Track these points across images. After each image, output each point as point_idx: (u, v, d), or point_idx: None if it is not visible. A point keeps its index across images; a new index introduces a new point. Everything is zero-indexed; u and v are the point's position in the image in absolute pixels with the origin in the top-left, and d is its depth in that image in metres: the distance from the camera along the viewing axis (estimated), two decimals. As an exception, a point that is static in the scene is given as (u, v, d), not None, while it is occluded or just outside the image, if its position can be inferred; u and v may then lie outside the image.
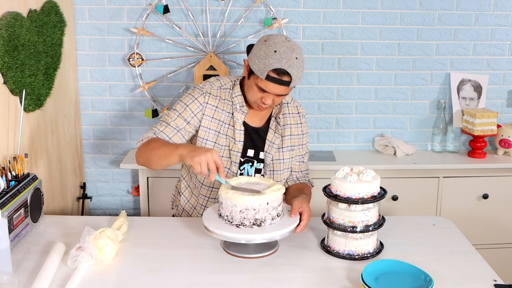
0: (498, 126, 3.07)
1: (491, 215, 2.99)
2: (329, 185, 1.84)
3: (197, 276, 1.68)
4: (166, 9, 2.93)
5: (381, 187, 1.84)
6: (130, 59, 3.01)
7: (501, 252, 3.02)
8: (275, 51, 1.91)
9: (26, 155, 2.10)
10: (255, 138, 2.12)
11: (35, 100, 2.36)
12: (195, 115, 2.05)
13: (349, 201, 1.77)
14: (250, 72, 1.99)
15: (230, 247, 1.84)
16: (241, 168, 2.11)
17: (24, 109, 2.25)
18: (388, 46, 3.09)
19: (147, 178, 2.91)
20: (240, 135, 2.08)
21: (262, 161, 2.14)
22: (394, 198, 2.92)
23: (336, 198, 1.79)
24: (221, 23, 2.99)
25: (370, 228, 1.79)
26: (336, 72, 3.10)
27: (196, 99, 2.05)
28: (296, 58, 1.93)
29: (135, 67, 3.02)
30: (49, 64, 2.50)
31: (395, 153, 3.08)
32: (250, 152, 2.11)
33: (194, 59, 3.03)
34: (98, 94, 3.08)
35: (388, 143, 3.12)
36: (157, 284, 1.64)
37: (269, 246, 1.85)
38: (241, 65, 3.03)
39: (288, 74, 1.91)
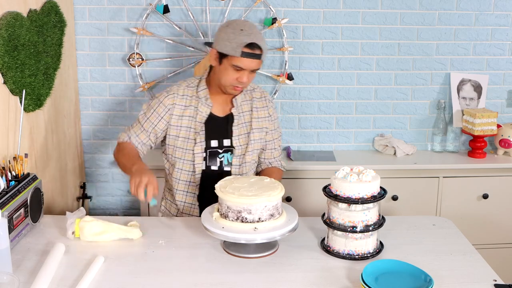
0: (498, 126, 3.07)
1: (491, 215, 2.99)
2: (329, 185, 1.85)
3: (197, 276, 1.68)
4: (166, 9, 2.93)
5: (381, 187, 1.84)
6: (130, 59, 3.01)
7: (501, 252, 3.02)
8: (241, 30, 2.08)
9: (26, 155, 2.10)
10: (227, 127, 2.24)
11: (35, 100, 2.36)
12: (162, 118, 2.22)
13: (349, 201, 1.77)
14: (221, 57, 2.12)
15: (230, 247, 1.84)
16: (220, 156, 2.23)
17: (24, 109, 2.25)
18: (388, 46, 3.09)
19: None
20: (200, 126, 2.21)
21: (231, 148, 2.26)
22: (394, 198, 2.92)
23: (336, 198, 1.79)
24: (221, 23, 2.99)
25: (370, 228, 1.79)
26: (336, 72, 3.10)
27: (161, 102, 2.22)
28: (259, 33, 2.13)
29: (135, 67, 3.02)
30: (49, 64, 2.50)
31: (395, 153, 3.08)
32: (226, 142, 2.24)
33: (194, 59, 3.03)
34: (98, 94, 3.08)
35: (388, 143, 3.12)
36: (157, 284, 1.64)
37: (269, 246, 1.85)
38: (241, 65, 3.03)
39: (259, 47, 2.09)
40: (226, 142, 2.25)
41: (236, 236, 1.74)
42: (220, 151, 2.24)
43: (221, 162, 2.24)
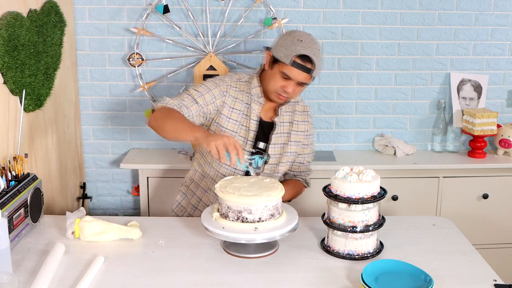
0: (498, 126, 3.07)
1: (491, 215, 2.99)
2: (329, 185, 1.85)
3: (197, 276, 1.68)
4: (166, 9, 2.93)
5: (381, 187, 1.84)
6: (130, 59, 3.01)
7: (501, 252, 3.02)
8: (300, 40, 2.07)
9: (26, 155, 2.10)
10: (266, 131, 2.21)
11: (35, 100, 2.36)
12: (215, 101, 2.14)
13: (349, 201, 1.77)
14: (274, 62, 2.11)
15: (230, 247, 1.84)
16: (251, 158, 2.16)
17: (24, 109, 2.25)
18: (388, 46, 3.09)
19: (147, 178, 2.91)
20: (254, 125, 2.18)
21: (261, 152, 2.22)
22: (394, 198, 2.92)
23: (336, 198, 1.79)
24: (221, 23, 2.99)
25: (370, 228, 1.79)
26: (336, 72, 3.10)
27: (218, 86, 2.16)
28: (318, 49, 2.10)
29: (135, 67, 3.02)
30: (49, 64, 2.50)
31: (395, 153, 3.08)
32: (261, 144, 2.21)
33: (194, 59, 3.03)
34: (98, 94, 3.08)
35: (388, 143, 3.12)
36: (157, 284, 1.64)
37: (269, 246, 1.85)
38: (241, 65, 3.03)
39: (311, 61, 2.06)
40: (260, 145, 2.21)
41: (236, 236, 1.74)
42: (254, 150, 2.20)
43: (250, 164, 2.16)
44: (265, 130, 2.21)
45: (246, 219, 1.77)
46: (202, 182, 2.25)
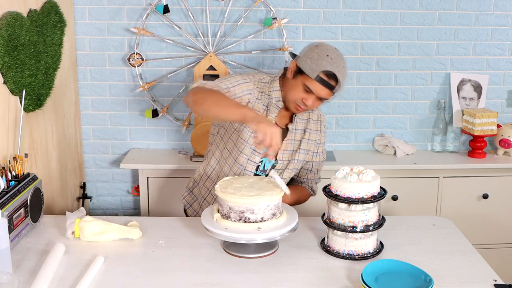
0: (498, 126, 3.07)
1: (491, 215, 2.99)
2: (329, 185, 1.85)
3: (197, 276, 1.68)
4: (166, 9, 2.93)
5: (381, 187, 1.84)
6: (130, 59, 3.01)
7: (501, 252, 3.02)
8: (327, 55, 2.02)
9: (26, 155, 2.10)
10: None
11: (35, 100, 2.36)
12: (243, 95, 2.09)
13: (349, 201, 1.77)
14: (298, 72, 2.07)
15: (230, 247, 1.84)
16: (260, 161, 2.16)
17: (24, 109, 2.25)
18: (388, 46, 3.09)
19: (147, 178, 2.91)
20: None
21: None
22: (394, 198, 2.92)
23: (336, 198, 1.79)
24: (221, 23, 2.99)
25: (370, 228, 1.79)
26: (336, 72, 3.10)
27: (247, 82, 2.12)
28: (344, 67, 2.06)
29: (135, 67, 3.02)
30: (49, 64, 2.50)
31: (395, 153, 3.08)
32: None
33: (194, 59, 3.03)
34: (98, 94, 3.08)
35: (388, 143, 3.12)
36: (157, 284, 1.64)
37: (269, 246, 1.85)
38: (241, 65, 3.03)
39: (336, 79, 2.02)
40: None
41: (236, 236, 1.74)
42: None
43: (257, 166, 2.17)
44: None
45: (249, 219, 1.77)
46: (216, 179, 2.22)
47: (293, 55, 2.14)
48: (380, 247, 1.86)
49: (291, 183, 2.33)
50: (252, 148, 2.12)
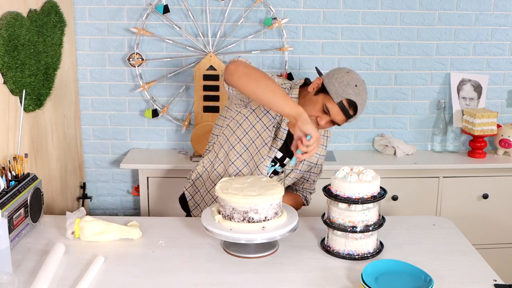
0: (498, 126, 3.07)
1: (491, 215, 2.99)
2: (329, 185, 1.84)
3: (197, 276, 1.68)
4: (166, 9, 2.93)
5: (381, 187, 1.84)
6: (130, 59, 3.01)
7: (501, 252, 3.02)
8: (356, 85, 2.04)
9: (26, 155, 2.10)
10: (289, 143, 2.15)
11: (35, 100, 2.36)
12: None
13: (349, 201, 1.77)
14: (321, 91, 2.07)
15: (230, 247, 1.84)
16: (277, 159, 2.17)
17: (24, 109, 2.25)
18: (388, 46, 3.09)
19: (147, 178, 2.91)
20: (283, 134, 2.14)
21: (283, 165, 2.20)
22: (394, 198, 2.92)
23: (336, 198, 1.79)
24: (221, 23, 2.99)
25: (370, 228, 1.79)
26: (336, 72, 3.10)
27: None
28: (365, 101, 2.09)
29: (135, 67, 3.02)
30: (49, 64, 2.50)
31: (395, 153, 3.08)
32: (279, 154, 2.18)
33: (194, 59, 3.03)
34: (98, 94, 3.08)
35: (388, 143, 3.12)
36: (157, 284, 1.64)
37: (269, 246, 1.85)
38: (241, 65, 3.03)
39: (355, 109, 2.05)
40: (278, 155, 2.18)
41: (236, 236, 1.74)
42: (276, 163, 2.17)
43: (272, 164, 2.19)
44: (288, 142, 2.16)
45: (252, 219, 1.77)
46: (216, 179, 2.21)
47: (320, 73, 2.16)
48: (380, 247, 1.86)
49: (286, 190, 2.32)
50: (270, 146, 2.11)
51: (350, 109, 2.05)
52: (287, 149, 2.17)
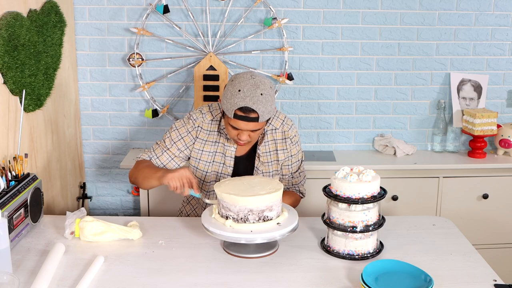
0: (498, 126, 3.07)
1: (491, 215, 2.99)
2: (329, 185, 1.85)
3: (197, 276, 1.68)
4: (166, 9, 2.93)
5: (381, 187, 1.84)
6: (130, 59, 3.01)
7: (501, 252, 3.02)
8: (239, 90, 1.98)
9: (26, 155, 2.10)
10: (241, 166, 2.22)
11: (35, 100, 2.36)
12: (187, 147, 2.20)
13: (349, 201, 1.77)
14: (223, 113, 2.09)
15: (230, 247, 1.84)
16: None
17: (24, 109, 2.25)
18: (388, 46, 3.09)
19: (147, 178, 2.90)
20: (230, 162, 2.20)
21: None
22: (394, 198, 2.92)
23: (336, 198, 1.79)
24: (221, 23, 2.99)
25: (370, 228, 1.79)
26: (336, 72, 3.10)
27: (189, 132, 2.19)
28: (261, 94, 1.98)
29: (135, 67, 3.02)
30: (49, 64, 2.50)
31: (395, 153, 3.08)
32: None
33: (194, 59, 3.03)
34: (98, 94, 3.08)
35: (388, 143, 3.12)
36: (157, 284, 1.64)
37: (269, 246, 1.85)
38: (241, 66, 3.03)
39: (254, 111, 1.98)
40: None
41: (236, 236, 1.75)
42: None
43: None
44: (239, 166, 2.21)
45: (267, 217, 1.78)
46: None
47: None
48: (380, 247, 1.86)
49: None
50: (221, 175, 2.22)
51: (249, 114, 1.98)
52: (239, 172, 2.21)
